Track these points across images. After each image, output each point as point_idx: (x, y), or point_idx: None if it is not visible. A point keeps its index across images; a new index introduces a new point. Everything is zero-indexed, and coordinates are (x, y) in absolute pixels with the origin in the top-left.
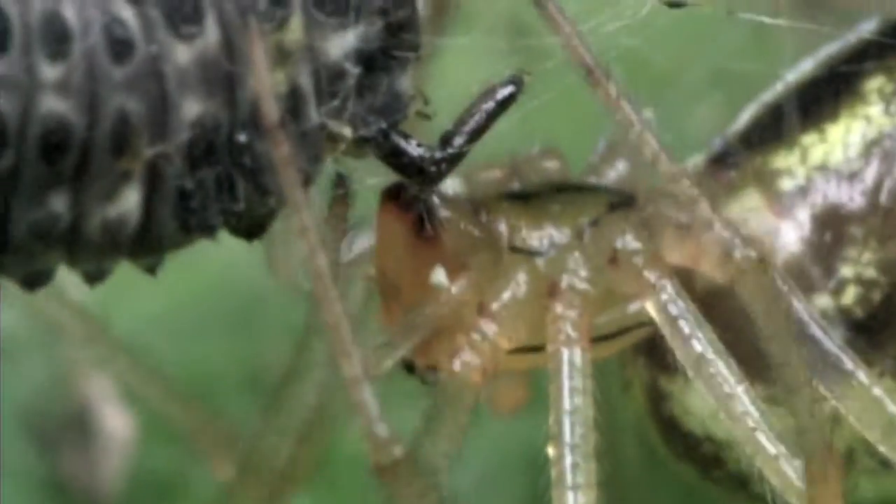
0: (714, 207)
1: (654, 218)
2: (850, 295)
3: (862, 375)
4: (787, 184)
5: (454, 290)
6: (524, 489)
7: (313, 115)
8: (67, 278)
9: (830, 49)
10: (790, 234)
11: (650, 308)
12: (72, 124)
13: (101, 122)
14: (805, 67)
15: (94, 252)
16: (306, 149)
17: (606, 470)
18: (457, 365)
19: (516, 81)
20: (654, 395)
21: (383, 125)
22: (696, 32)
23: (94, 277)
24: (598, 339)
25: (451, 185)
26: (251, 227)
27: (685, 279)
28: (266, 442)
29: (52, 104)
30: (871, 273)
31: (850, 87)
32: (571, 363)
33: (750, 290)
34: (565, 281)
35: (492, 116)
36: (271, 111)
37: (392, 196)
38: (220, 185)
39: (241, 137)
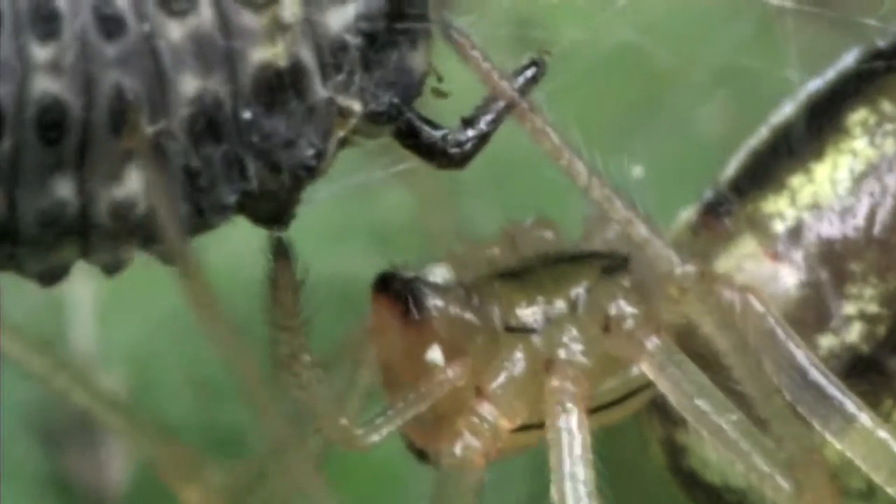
0: (651, 227)
1: (644, 277)
2: (854, 332)
3: (866, 419)
4: (779, 227)
5: (451, 374)
6: (527, 496)
7: (319, 89)
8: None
9: (810, 87)
10: (789, 278)
11: (645, 369)
12: (67, 104)
13: (98, 100)
14: (786, 109)
15: (108, 240)
16: (315, 124)
17: None
18: (458, 449)
19: (538, 62)
20: (671, 451)
21: (394, 99)
22: (700, 29)
23: (111, 269)
24: (605, 406)
25: (440, 271)
26: (273, 212)
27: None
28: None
29: (46, 85)
30: (873, 308)
31: (834, 123)
32: (571, 436)
33: (696, 309)
34: (562, 355)
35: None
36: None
37: (383, 286)
38: (229, 164)
39: (246, 114)
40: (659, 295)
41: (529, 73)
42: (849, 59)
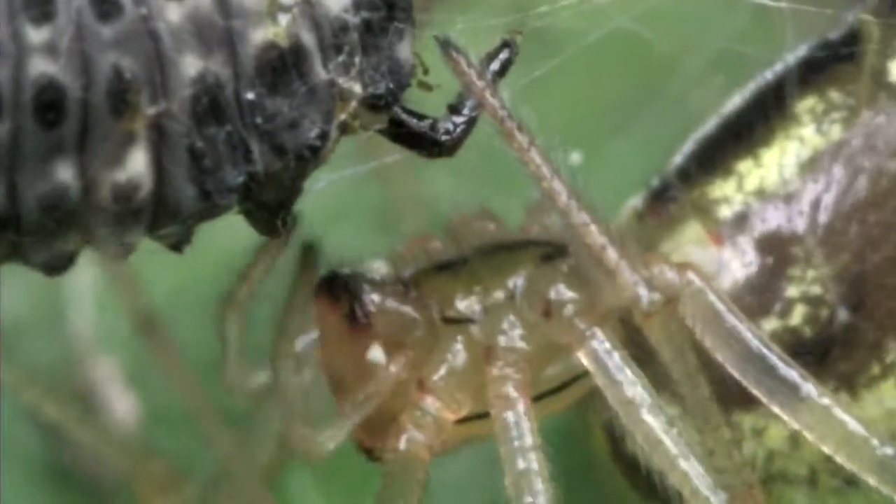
0: (624, 254)
1: (582, 266)
2: (797, 315)
3: (812, 389)
4: (725, 212)
5: (392, 369)
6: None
7: (320, 70)
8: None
9: (760, 79)
10: (733, 262)
11: (582, 357)
12: (65, 85)
13: (97, 82)
14: (736, 99)
15: (112, 225)
16: (317, 105)
17: None
18: (402, 443)
19: (510, 44)
20: (612, 436)
21: (391, 85)
22: (697, 15)
23: (117, 255)
24: (547, 394)
25: (378, 267)
26: (278, 199)
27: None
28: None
29: (43, 67)
30: (816, 291)
31: (782, 111)
32: (517, 423)
33: (657, 334)
34: (501, 342)
35: (494, 80)
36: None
37: (323, 288)
38: (233, 146)
39: (249, 95)
40: (601, 283)
41: (503, 55)
42: (800, 50)
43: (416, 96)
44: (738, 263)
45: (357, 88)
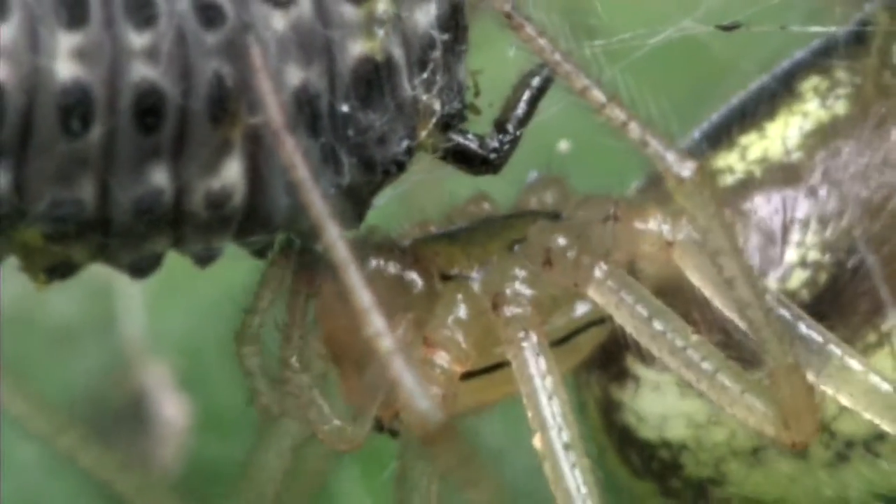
0: (648, 128)
1: (582, 221)
2: (796, 279)
3: (834, 347)
4: (727, 179)
5: (397, 333)
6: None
7: (407, 86)
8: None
9: (775, 68)
10: (735, 227)
11: (593, 294)
12: (165, 91)
13: (197, 88)
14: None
15: (201, 230)
16: (403, 121)
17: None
18: None
19: (543, 75)
20: (606, 409)
21: (461, 105)
22: (753, 17)
23: (203, 260)
24: (555, 344)
25: (375, 235)
26: (352, 211)
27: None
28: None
29: (143, 71)
30: (815, 255)
31: (787, 89)
32: (534, 354)
33: (692, 202)
34: (507, 290)
35: (537, 98)
36: (276, 114)
37: (303, 266)
38: (325, 158)
39: (344, 108)
40: (603, 232)
41: (546, 72)
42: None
43: None
44: (739, 228)
45: (437, 106)
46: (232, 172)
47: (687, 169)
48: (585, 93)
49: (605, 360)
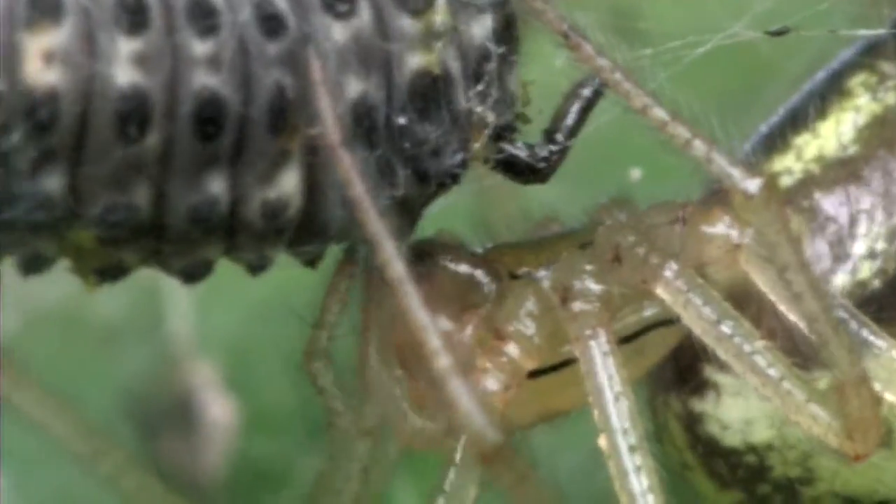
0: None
1: (650, 223)
2: (866, 270)
3: (884, 343)
4: (787, 181)
5: (465, 330)
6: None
7: (462, 99)
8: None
9: (823, 69)
10: (800, 227)
11: (661, 292)
12: (226, 99)
13: (257, 98)
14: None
15: (255, 239)
16: (457, 134)
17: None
18: (486, 383)
19: (594, 86)
20: (688, 422)
21: (513, 116)
22: (800, 20)
23: (255, 268)
24: (619, 343)
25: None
26: (402, 224)
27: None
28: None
29: (204, 79)
30: (882, 245)
31: (836, 87)
32: (601, 351)
33: (760, 219)
34: (576, 285)
35: (587, 109)
36: (333, 130)
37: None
38: (381, 170)
39: (401, 120)
40: (675, 234)
41: (596, 83)
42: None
43: None
44: (805, 227)
45: (491, 118)
46: (289, 183)
47: (753, 185)
48: (647, 111)
49: (681, 376)
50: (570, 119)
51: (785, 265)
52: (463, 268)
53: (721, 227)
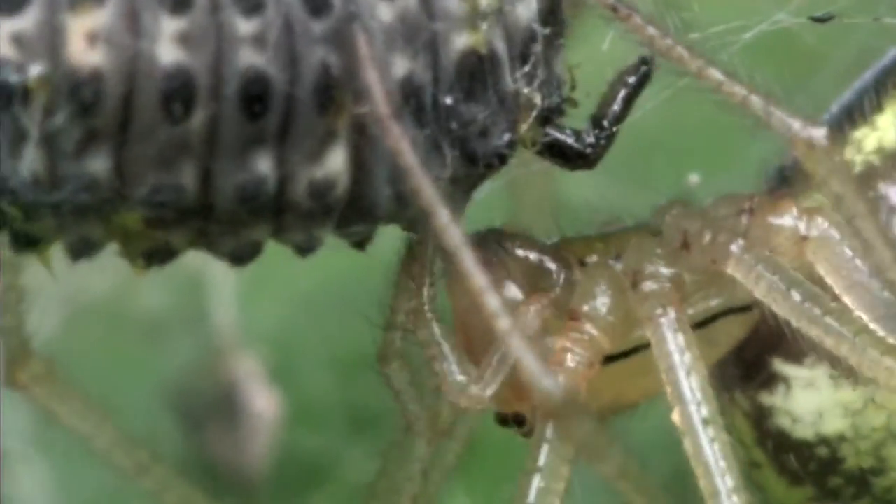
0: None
1: (718, 213)
2: None
3: None
4: None
5: (535, 304)
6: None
7: (508, 80)
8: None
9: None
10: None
11: (732, 270)
12: (272, 78)
13: (303, 77)
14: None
15: (303, 219)
16: (504, 115)
17: None
18: (567, 361)
19: (648, 61)
20: (757, 417)
21: (560, 99)
22: (846, 9)
23: (304, 249)
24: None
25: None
26: (455, 198)
27: None
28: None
29: (250, 58)
30: None
31: (890, 82)
32: (673, 330)
33: (823, 167)
34: (647, 268)
35: (633, 96)
36: (382, 102)
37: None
38: (429, 150)
39: (448, 100)
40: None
41: (643, 69)
42: None
43: None
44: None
45: (538, 99)
46: (336, 162)
47: (817, 133)
48: (702, 73)
49: (748, 372)
50: (616, 105)
51: (853, 215)
52: (532, 255)
53: (788, 219)
